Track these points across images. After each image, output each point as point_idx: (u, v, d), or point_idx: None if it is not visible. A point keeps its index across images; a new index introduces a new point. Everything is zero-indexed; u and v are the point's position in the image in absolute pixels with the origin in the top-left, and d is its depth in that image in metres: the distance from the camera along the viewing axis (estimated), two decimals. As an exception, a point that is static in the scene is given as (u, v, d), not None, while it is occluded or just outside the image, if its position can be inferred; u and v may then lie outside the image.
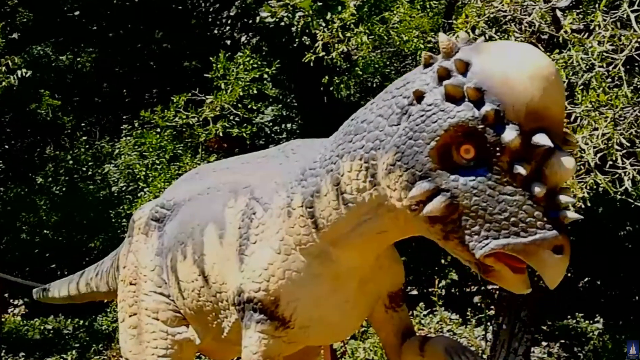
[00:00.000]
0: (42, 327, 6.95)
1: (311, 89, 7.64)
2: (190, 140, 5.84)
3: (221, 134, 5.45)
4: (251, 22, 7.45)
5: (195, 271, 2.13)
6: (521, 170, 1.40)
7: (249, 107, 5.42)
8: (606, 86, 2.58)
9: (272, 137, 9.38)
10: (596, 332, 6.40)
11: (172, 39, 9.50)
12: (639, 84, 2.91)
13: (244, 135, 5.61)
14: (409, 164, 1.51)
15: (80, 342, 6.60)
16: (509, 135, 1.40)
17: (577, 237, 5.30)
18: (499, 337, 5.30)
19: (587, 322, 6.51)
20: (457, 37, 1.57)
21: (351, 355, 5.09)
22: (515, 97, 1.40)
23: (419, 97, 1.51)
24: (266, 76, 5.47)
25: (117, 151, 7.91)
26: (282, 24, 4.22)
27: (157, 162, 5.72)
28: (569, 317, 6.62)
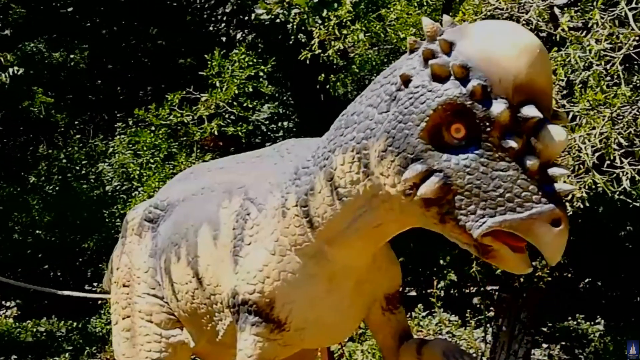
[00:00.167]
0: (34, 330, 6.94)
1: (307, 87, 7.65)
2: (185, 138, 5.84)
3: (216, 133, 5.45)
4: (247, 19, 7.45)
5: (189, 273, 2.13)
6: (512, 143, 1.42)
7: (245, 105, 5.43)
8: (604, 85, 2.60)
9: (269, 135, 9.38)
10: (597, 334, 6.42)
11: (166, 35, 9.49)
12: (637, 82, 2.93)
13: (240, 133, 5.61)
14: (401, 147, 1.53)
15: (73, 344, 6.59)
16: (497, 108, 1.41)
17: (577, 237, 5.32)
18: (498, 339, 5.32)
19: (588, 323, 6.54)
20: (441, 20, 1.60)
21: (349, 357, 5.10)
22: (501, 72, 1.42)
23: (406, 81, 1.54)
24: (262, 74, 5.47)
25: (111, 150, 7.91)
26: (278, 21, 4.22)
27: (151, 161, 5.72)
28: (569, 318, 6.64)
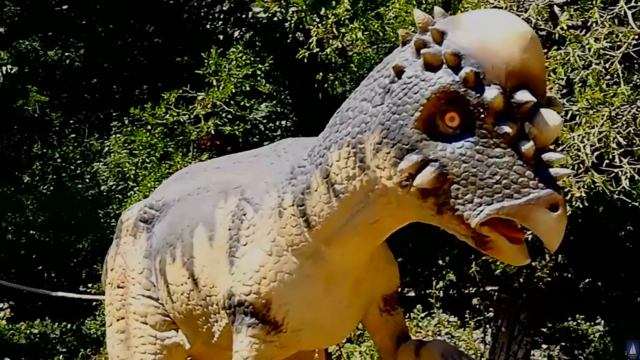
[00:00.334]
0: (28, 332, 6.92)
1: (306, 86, 7.64)
2: (181, 138, 5.83)
3: (213, 132, 5.45)
4: (244, 17, 7.44)
5: (184, 274, 2.13)
6: (507, 129, 1.43)
7: (242, 104, 5.42)
8: (603, 83, 2.61)
9: (266, 134, 9.38)
10: (597, 334, 6.44)
11: (163, 34, 9.48)
12: (637, 81, 2.93)
13: (237, 133, 5.61)
14: (396, 138, 1.54)
15: (67, 346, 6.58)
16: (491, 94, 1.42)
17: (577, 237, 5.33)
18: (498, 340, 5.33)
19: (588, 324, 6.55)
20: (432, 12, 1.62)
21: (347, 359, 5.10)
22: (493, 58, 1.44)
23: (399, 72, 1.55)
24: (259, 72, 5.47)
25: (106, 149, 7.89)
26: (275, 19, 4.22)
27: (147, 160, 5.71)
28: (569, 319, 6.65)
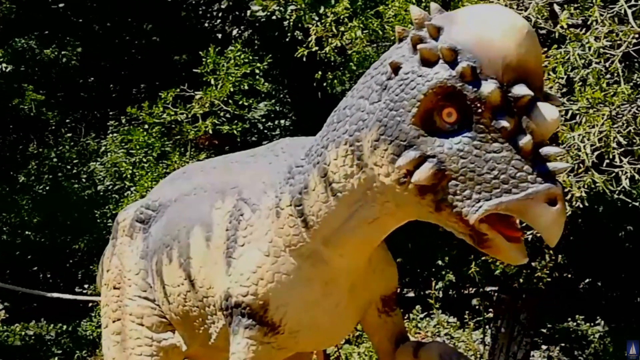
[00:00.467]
0: (22, 333, 6.91)
1: (305, 85, 7.64)
2: (179, 137, 5.82)
3: (211, 131, 5.44)
4: (243, 15, 7.43)
5: (181, 275, 2.13)
6: (504, 123, 1.44)
7: (240, 103, 5.42)
8: (604, 83, 2.61)
9: (265, 134, 9.38)
10: (597, 335, 6.44)
11: (160, 32, 9.47)
12: (637, 80, 2.94)
13: (235, 132, 5.60)
14: (393, 135, 1.54)
15: (63, 348, 6.57)
16: (488, 88, 1.43)
17: (577, 237, 5.34)
18: (497, 340, 5.34)
19: (588, 324, 6.56)
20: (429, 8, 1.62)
21: (345, 360, 5.11)
22: (490, 52, 1.44)
23: (396, 68, 1.56)
24: (258, 71, 5.46)
25: (103, 148, 7.89)
26: (274, 17, 4.22)
27: (144, 160, 5.71)
28: (569, 319, 6.66)
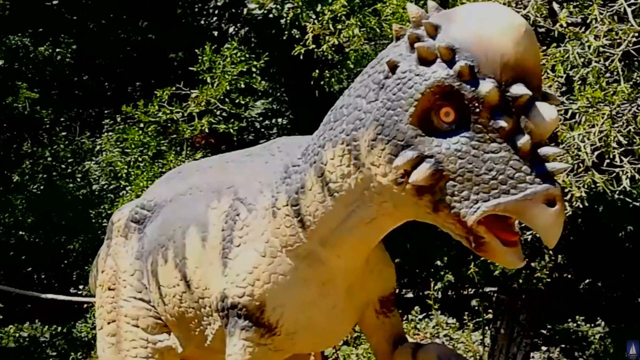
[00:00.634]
0: (17, 335, 6.90)
1: (302, 83, 7.64)
2: (174, 136, 5.82)
3: (207, 130, 5.43)
4: (239, 12, 7.43)
5: (176, 276, 2.13)
6: (502, 123, 1.44)
7: (237, 101, 5.41)
8: (604, 82, 2.61)
9: (262, 132, 9.38)
10: (597, 336, 6.46)
11: (156, 29, 9.45)
12: (637, 79, 2.94)
13: (231, 131, 5.60)
14: (390, 135, 1.54)
15: (57, 350, 6.56)
16: (486, 87, 1.43)
17: (577, 237, 5.35)
18: (497, 341, 5.35)
19: (588, 325, 6.57)
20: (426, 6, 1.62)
21: (343, 361, 5.11)
22: (488, 51, 1.44)
23: (393, 67, 1.56)
24: (254, 69, 5.46)
25: (98, 147, 7.87)
26: (271, 15, 4.21)
27: (139, 159, 5.70)
28: (569, 320, 6.67)
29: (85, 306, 6.45)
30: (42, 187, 8.75)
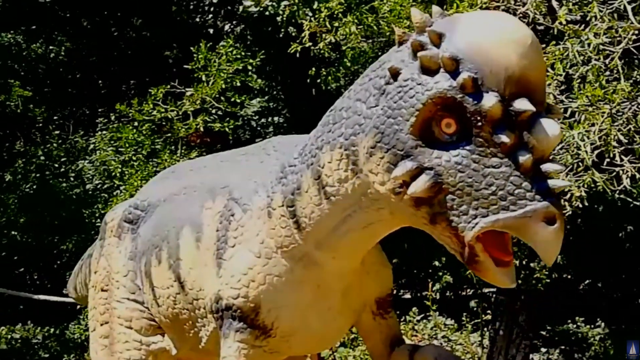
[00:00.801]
0: (9, 336, 6.88)
1: (298, 81, 7.63)
2: (169, 135, 5.81)
3: (202, 129, 5.43)
4: (235, 10, 7.42)
5: (170, 277, 2.12)
6: (505, 138, 1.42)
7: (232, 100, 5.41)
8: (603, 80, 2.61)
9: (258, 131, 9.38)
10: (597, 337, 6.47)
11: (151, 27, 9.44)
12: (637, 78, 2.94)
13: (227, 130, 5.59)
14: (390, 143, 1.53)
15: (50, 352, 6.54)
16: (489, 101, 1.42)
17: (577, 237, 5.35)
18: (496, 343, 5.35)
19: (588, 326, 6.58)
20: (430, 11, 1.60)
21: (340, 363, 5.11)
22: (492, 64, 1.43)
23: (395, 74, 1.54)
24: (250, 67, 5.45)
25: (91, 146, 7.86)
26: (267, 13, 4.21)
27: (134, 158, 5.69)
28: (569, 321, 6.68)
29: (78, 307, 6.43)
30: (34, 187, 8.72)
